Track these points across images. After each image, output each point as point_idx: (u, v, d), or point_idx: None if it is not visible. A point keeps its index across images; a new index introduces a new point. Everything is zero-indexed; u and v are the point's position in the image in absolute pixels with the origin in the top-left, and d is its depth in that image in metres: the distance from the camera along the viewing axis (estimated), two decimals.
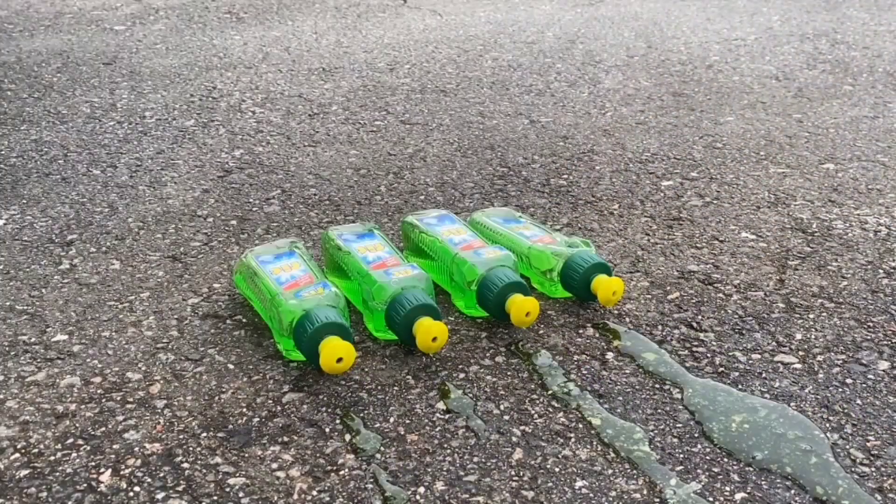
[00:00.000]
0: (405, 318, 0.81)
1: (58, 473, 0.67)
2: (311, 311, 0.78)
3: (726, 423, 0.73)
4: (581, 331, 0.87)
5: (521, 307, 0.84)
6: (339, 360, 0.76)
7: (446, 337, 0.80)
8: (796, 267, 1.00)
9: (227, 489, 0.66)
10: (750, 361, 0.82)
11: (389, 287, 0.83)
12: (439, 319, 0.81)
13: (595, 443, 0.71)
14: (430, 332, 0.79)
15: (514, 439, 0.71)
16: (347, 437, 0.71)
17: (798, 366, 0.81)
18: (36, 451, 0.70)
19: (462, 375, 0.80)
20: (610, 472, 0.68)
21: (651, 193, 1.21)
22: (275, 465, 0.68)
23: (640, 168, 1.31)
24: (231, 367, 0.81)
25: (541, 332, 0.87)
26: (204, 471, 0.68)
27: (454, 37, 2.18)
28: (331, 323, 0.77)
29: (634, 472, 0.68)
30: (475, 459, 0.69)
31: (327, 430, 0.72)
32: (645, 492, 0.66)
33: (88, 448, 0.70)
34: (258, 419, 0.74)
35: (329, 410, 0.75)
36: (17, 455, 0.69)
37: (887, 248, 1.04)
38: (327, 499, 0.65)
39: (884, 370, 0.80)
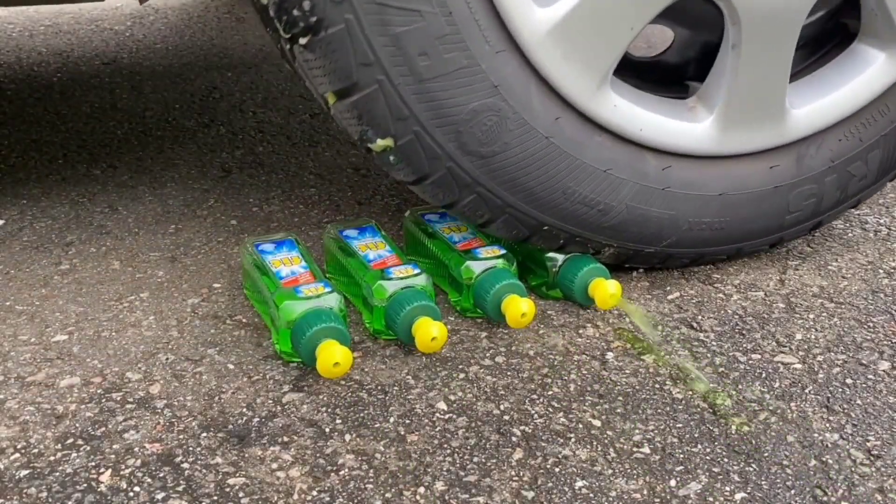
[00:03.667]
0: (405, 317, 0.80)
1: (58, 473, 0.67)
2: (308, 315, 0.78)
3: (726, 423, 0.73)
4: (581, 331, 0.87)
5: (517, 308, 0.83)
6: (336, 364, 0.76)
7: (446, 336, 0.80)
8: (796, 267, 1.00)
9: (227, 489, 0.66)
10: (750, 361, 0.82)
11: (389, 287, 0.83)
12: (439, 319, 0.81)
13: (595, 443, 0.71)
14: (429, 331, 0.79)
15: (514, 439, 0.71)
16: (347, 437, 0.72)
17: (798, 366, 0.81)
18: (36, 451, 0.70)
19: (462, 375, 0.80)
20: (610, 472, 0.68)
21: None
22: (275, 465, 0.68)
23: None
24: (231, 367, 0.81)
25: (541, 332, 0.87)
26: (204, 471, 0.68)
27: None
28: (328, 327, 0.77)
29: (634, 472, 0.68)
30: (475, 459, 0.69)
31: (327, 430, 0.72)
32: (645, 492, 0.66)
33: (88, 448, 0.70)
34: (258, 419, 0.74)
35: (329, 410, 0.75)
36: (17, 455, 0.69)
37: (887, 248, 1.04)
38: (327, 499, 0.65)
39: (884, 370, 0.80)
